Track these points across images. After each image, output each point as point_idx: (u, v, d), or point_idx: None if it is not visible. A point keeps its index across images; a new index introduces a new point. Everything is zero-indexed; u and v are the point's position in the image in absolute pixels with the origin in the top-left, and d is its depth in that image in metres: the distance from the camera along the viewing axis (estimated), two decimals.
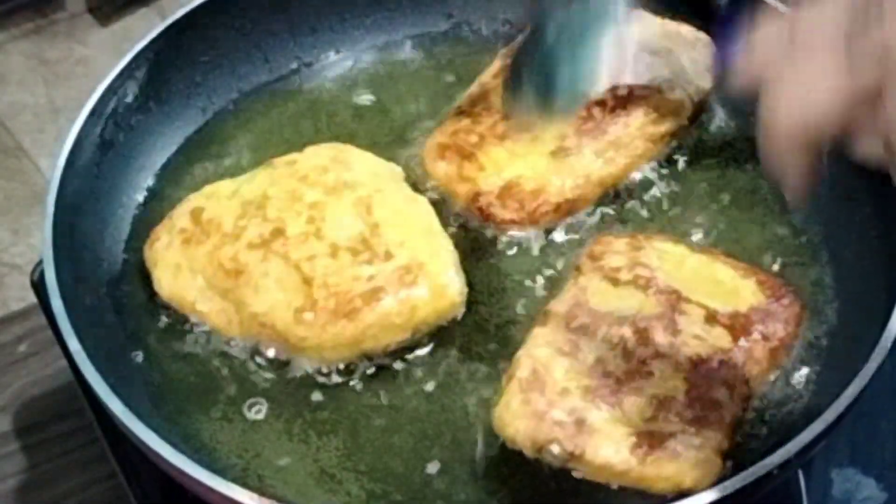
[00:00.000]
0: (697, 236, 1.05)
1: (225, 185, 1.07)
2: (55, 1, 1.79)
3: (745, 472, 0.83)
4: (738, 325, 0.93)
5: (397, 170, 1.07)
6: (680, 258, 0.99)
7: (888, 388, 1.05)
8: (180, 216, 1.05)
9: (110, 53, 1.72)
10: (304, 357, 0.98)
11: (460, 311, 1.00)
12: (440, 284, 0.97)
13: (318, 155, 1.06)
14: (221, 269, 0.99)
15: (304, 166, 1.05)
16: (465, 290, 1.00)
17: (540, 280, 1.03)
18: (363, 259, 0.98)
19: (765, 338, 0.93)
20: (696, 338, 0.92)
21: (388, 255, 0.98)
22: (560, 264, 1.04)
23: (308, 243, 0.99)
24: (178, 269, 1.01)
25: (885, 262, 0.97)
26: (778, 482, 0.85)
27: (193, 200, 1.06)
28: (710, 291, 0.96)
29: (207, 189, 1.07)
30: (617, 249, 0.99)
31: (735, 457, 0.90)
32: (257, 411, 0.97)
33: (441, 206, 1.06)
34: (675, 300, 0.94)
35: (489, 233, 1.05)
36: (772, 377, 0.94)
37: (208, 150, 1.16)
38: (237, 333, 1.00)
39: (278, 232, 1.00)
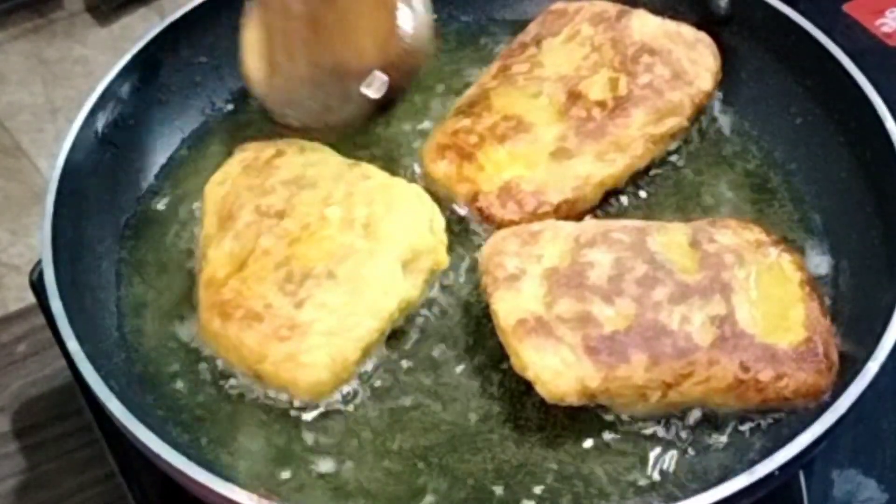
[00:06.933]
0: None
1: None
2: (54, 0, 1.79)
3: (746, 473, 0.82)
4: (732, 345, 0.89)
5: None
6: (771, 264, 0.96)
7: (889, 389, 1.05)
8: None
9: (109, 53, 1.72)
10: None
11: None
12: None
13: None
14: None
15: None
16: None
17: None
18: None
19: (751, 373, 0.89)
20: (684, 319, 0.90)
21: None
22: None
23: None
24: None
25: (886, 263, 0.97)
26: (779, 483, 0.85)
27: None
28: (757, 301, 0.92)
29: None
30: (726, 224, 0.99)
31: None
32: (256, 412, 0.96)
33: (440, 206, 1.06)
34: (719, 288, 0.92)
35: (489, 233, 1.05)
36: (716, 403, 0.92)
37: (207, 151, 1.16)
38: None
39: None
